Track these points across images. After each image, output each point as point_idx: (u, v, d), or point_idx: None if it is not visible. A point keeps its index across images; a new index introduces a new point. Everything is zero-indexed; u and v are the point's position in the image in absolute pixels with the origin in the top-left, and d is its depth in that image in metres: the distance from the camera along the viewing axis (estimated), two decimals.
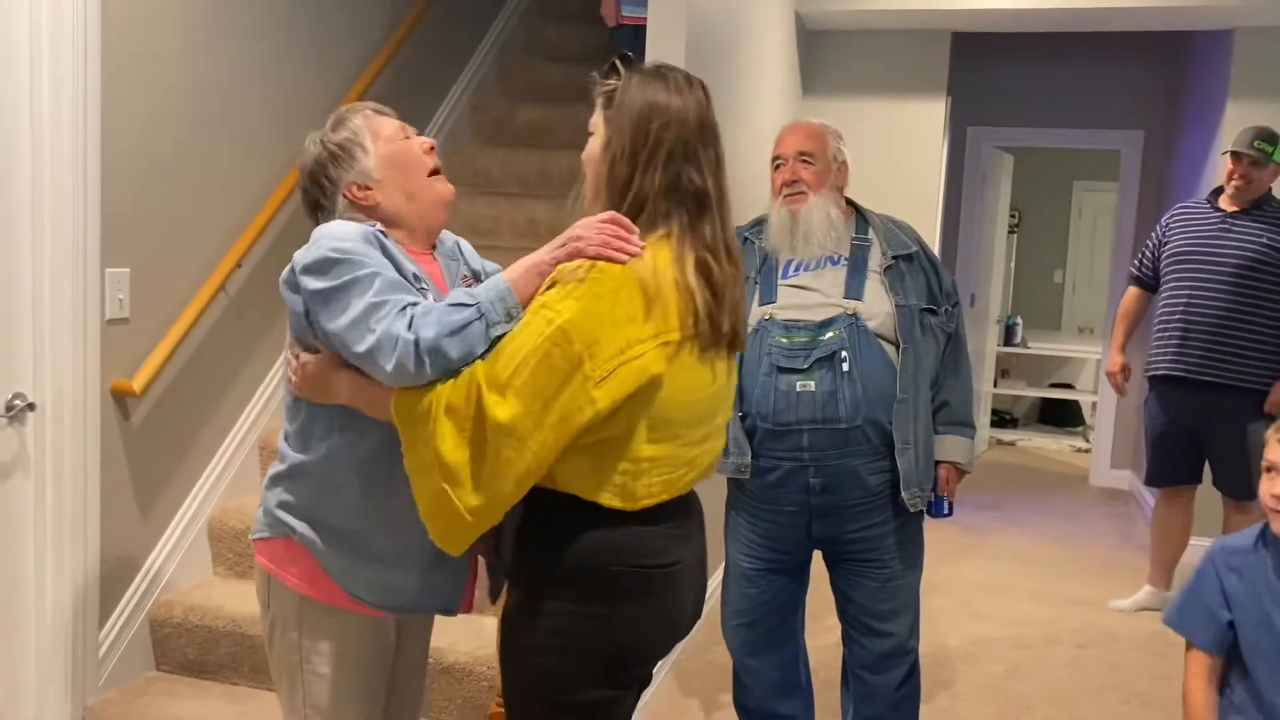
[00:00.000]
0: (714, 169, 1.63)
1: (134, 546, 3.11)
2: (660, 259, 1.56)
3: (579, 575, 1.60)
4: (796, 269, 2.50)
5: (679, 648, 3.47)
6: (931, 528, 5.68)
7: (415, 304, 1.58)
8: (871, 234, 2.55)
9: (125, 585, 3.08)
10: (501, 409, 1.50)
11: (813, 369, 2.38)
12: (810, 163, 2.51)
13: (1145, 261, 4.22)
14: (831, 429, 2.38)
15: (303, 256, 1.67)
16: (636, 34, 4.02)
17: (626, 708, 1.74)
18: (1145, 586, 4.33)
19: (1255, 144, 3.91)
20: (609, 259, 1.54)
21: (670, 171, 1.59)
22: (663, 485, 1.63)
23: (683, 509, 1.70)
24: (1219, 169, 4.95)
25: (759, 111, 4.34)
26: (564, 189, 2.01)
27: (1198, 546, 4.67)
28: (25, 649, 2.81)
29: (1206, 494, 4.19)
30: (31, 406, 2.75)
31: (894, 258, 2.51)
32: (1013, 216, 8.55)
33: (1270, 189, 3.99)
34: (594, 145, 1.67)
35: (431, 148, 1.87)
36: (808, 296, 2.45)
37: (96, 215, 2.84)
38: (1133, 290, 4.28)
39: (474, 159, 4.69)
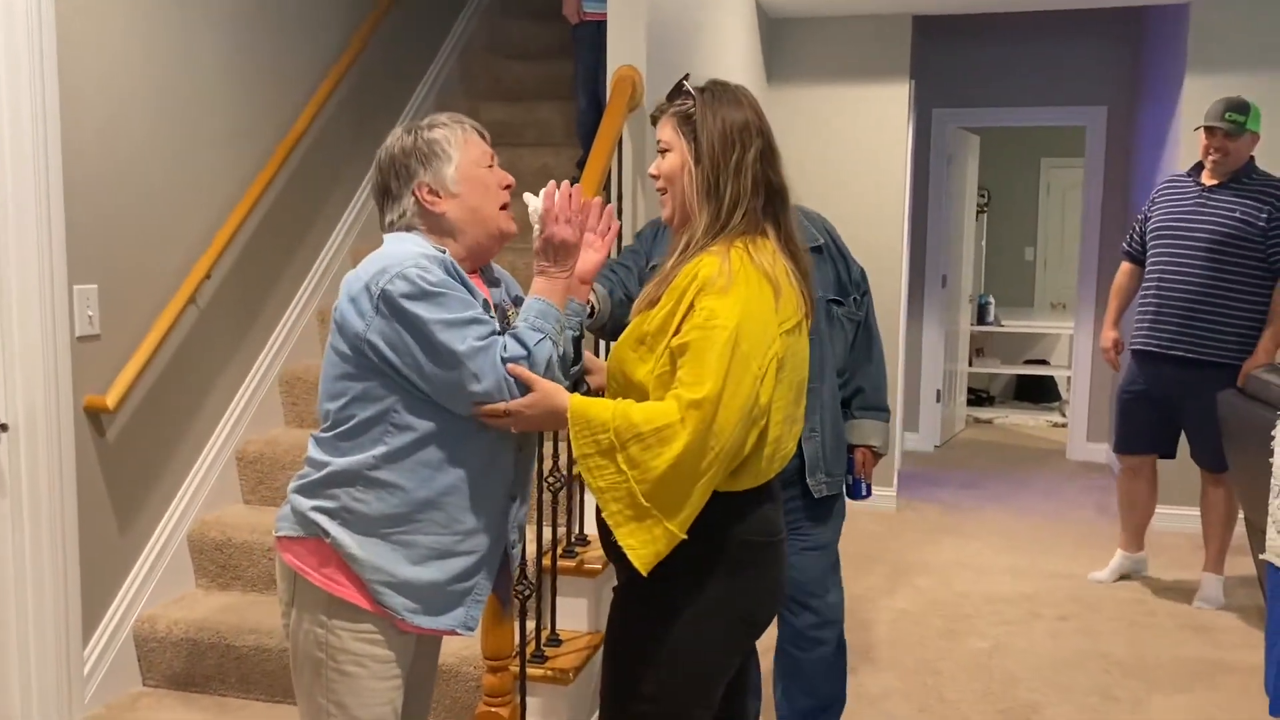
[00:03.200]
0: (781, 166, 1.85)
1: (115, 562, 3.10)
2: (765, 252, 1.76)
3: (710, 549, 1.75)
4: None
5: None
6: (912, 508, 5.73)
7: (498, 337, 1.76)
8: None
9: (108, 602, 3.08)
10: (720, 424, 1.65)
11: None
12: None
13: (1134, 236, 4.23)
14: None
15: (391, 283, 1.71)
16: (598, 30, 4.03)
17: (739, 673, 1.94)
18: (1119, 552, 4.38)
19: (1227, 116, 3.89)
20: (585, 227, 1.84)
21: (758, 174, 1.79)
22: (781, 460, 1.83)
23: (775, 488, 1.88)
24: (1182, 141, 5.00)
25: None
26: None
27: (1168, 515, 4.77)
28: (9, 670, 2.80)
29: (1187, 465, 4.25)
30: (4, 427, 2.73)
31: None
32: (981, 196, 8.60)
33: (1251, 158, 3.97)
34: (673, 161, 1.83)
35: (509, 186, 1.92)
36: None
37: (61, 233, 2.83)
38: (1125, 265, 4.28)
39: None
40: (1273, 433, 2.88)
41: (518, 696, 2.54)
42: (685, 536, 1.68)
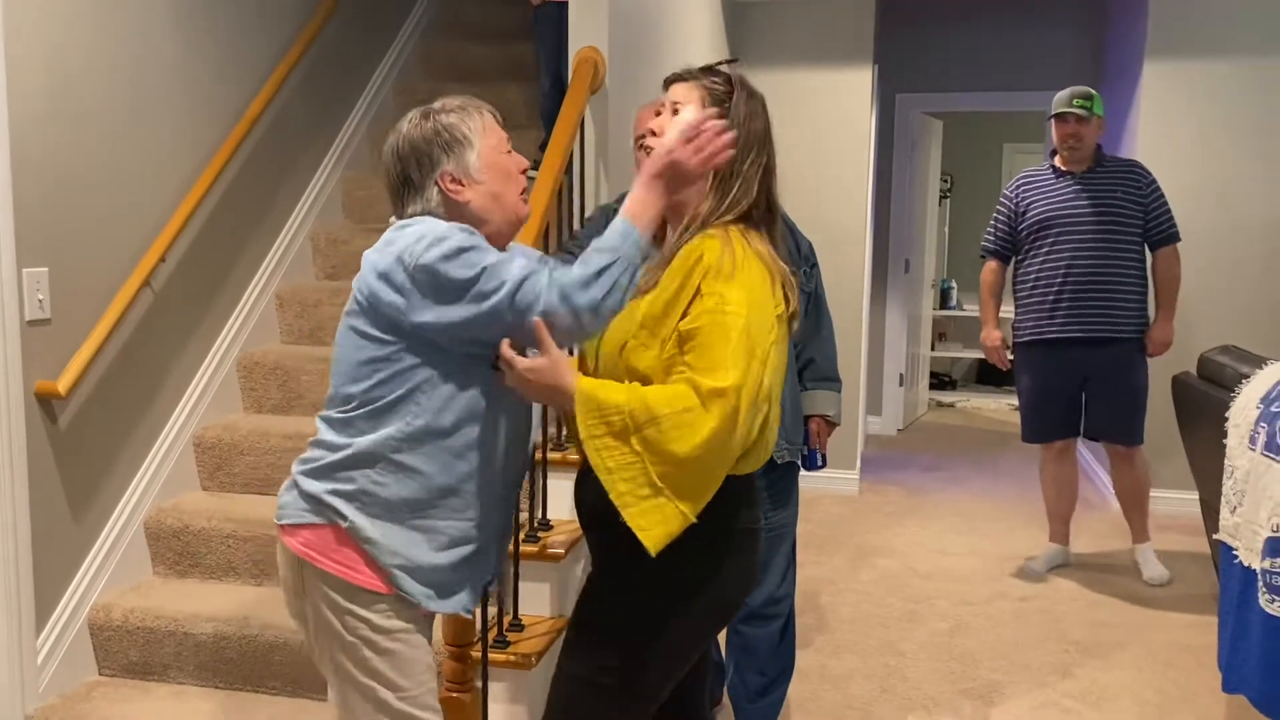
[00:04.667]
0: (775, 184, 1.88)
1: (68, 550, 3.05)
2: (757, 240, 1.79)
3: (704, 532, 1.72)
4: None
5: None
6: (875, 491, 5.77)
7: (552, 267, 1.71)
8: None
9: (61, 590, 3.02)
10: (742, 413, 1.65)
11: None
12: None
13: (1001, 234, 4.28)
14: None
15: (427, 251, 1.67)
16: (561, 11, 3.99)
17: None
18: (1051, 545, 4.40)
19: (1075, 102, 4.08)
20: (714, 165, 1.74)
21: (764, 184, 1.83)
22: (774, 444, 1.84)
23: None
24: (1141, 127, 5.06)
25: None
26: None
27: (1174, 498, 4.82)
28: None
29: (1151, 446, 4.29)
30: None
31: None
32: (944, 181, 8.65)
33: (1100, 145, 4.15)
34: None
35: (525, 169, 1.91)
36: None
37: (9, 215, 2.76)
38: (993, 264, 4.32)
39: None
40: (1226, 414, 2.92)
41: (480, 681, 2.53)
42: (696, 520, 1.68)
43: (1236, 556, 2.70)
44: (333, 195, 4.38)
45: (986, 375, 8.97)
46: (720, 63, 1.87)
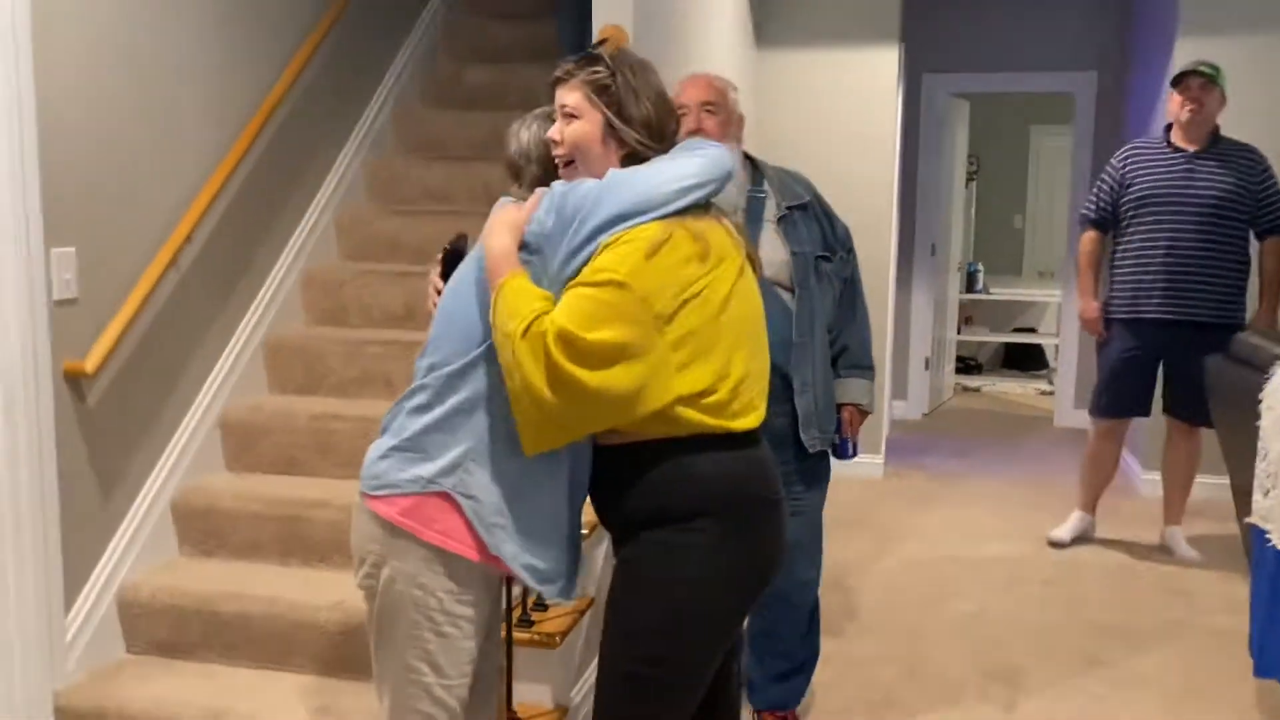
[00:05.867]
0: None
1: (97, 529, 3.08)
2: (696, 221, 1.76)
3: (721, 506, 1.76)
4: None
5: None
6: (900, 475, 5.74)
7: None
8: (766, 186, 2.66)
9: (90, 568, 3.05)
10: (583, 367, 1.63)
11: None
12: (713, 113, 2.55)
13: (1104, 203, 4.20)
14: None
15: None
16: None
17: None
18: (1078, 512, 4.43)
19: (1202, 68, 3.98)
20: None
21: (671, 141, 1.87)
22: (760, 394, 1.83)
23: (762, 438, 1.88)
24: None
25: (714, 68, 4.29)
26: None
27: (1156, 480, 4.79)
28: None
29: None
30: None
31: (788, 208, 2.63)
32: (971, 163, 8.56)
33: (1219, 125, 4.03)
34: (586, 129, 1.82)
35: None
36: None
37: (37, 196, 2.77)
38: (1093, 234, 4.26)
39: (424, 122, 4.63)
40: (1260, 396, 2.88)
41: (504, 661, 2.53)
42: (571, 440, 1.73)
43: (1269, 540, 2.67)
44: (356, 177, 4.38)
45: (1013, 359, 8.90)
46: (593, 47, 1.88)
